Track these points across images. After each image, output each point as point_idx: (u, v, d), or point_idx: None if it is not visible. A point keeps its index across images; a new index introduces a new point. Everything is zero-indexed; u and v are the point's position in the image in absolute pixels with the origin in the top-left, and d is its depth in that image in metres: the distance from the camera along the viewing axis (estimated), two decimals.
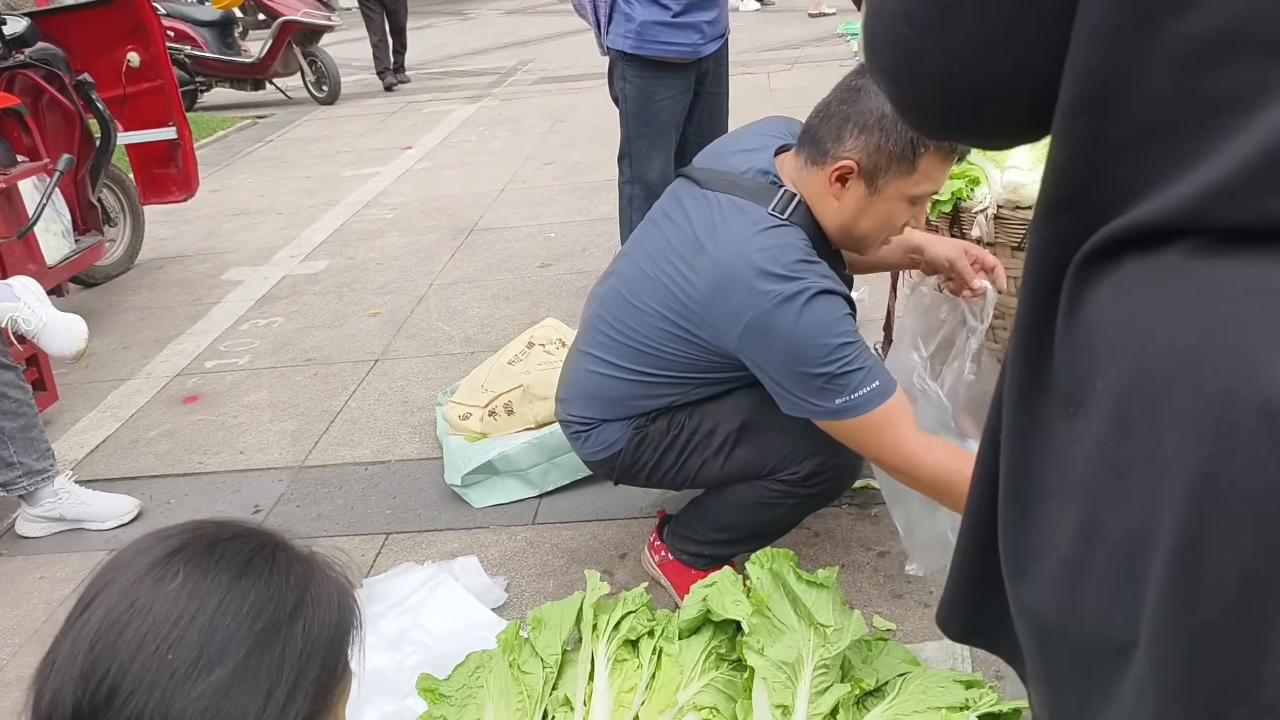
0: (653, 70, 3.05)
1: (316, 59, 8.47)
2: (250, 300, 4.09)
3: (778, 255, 1.65)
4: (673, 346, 1.80)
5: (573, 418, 1.98)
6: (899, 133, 1.62)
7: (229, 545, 0.80)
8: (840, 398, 1.63)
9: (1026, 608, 0.72)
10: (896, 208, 1.71)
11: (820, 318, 1.63)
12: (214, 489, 2.72)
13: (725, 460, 1.88)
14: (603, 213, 4.73)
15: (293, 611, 0.78)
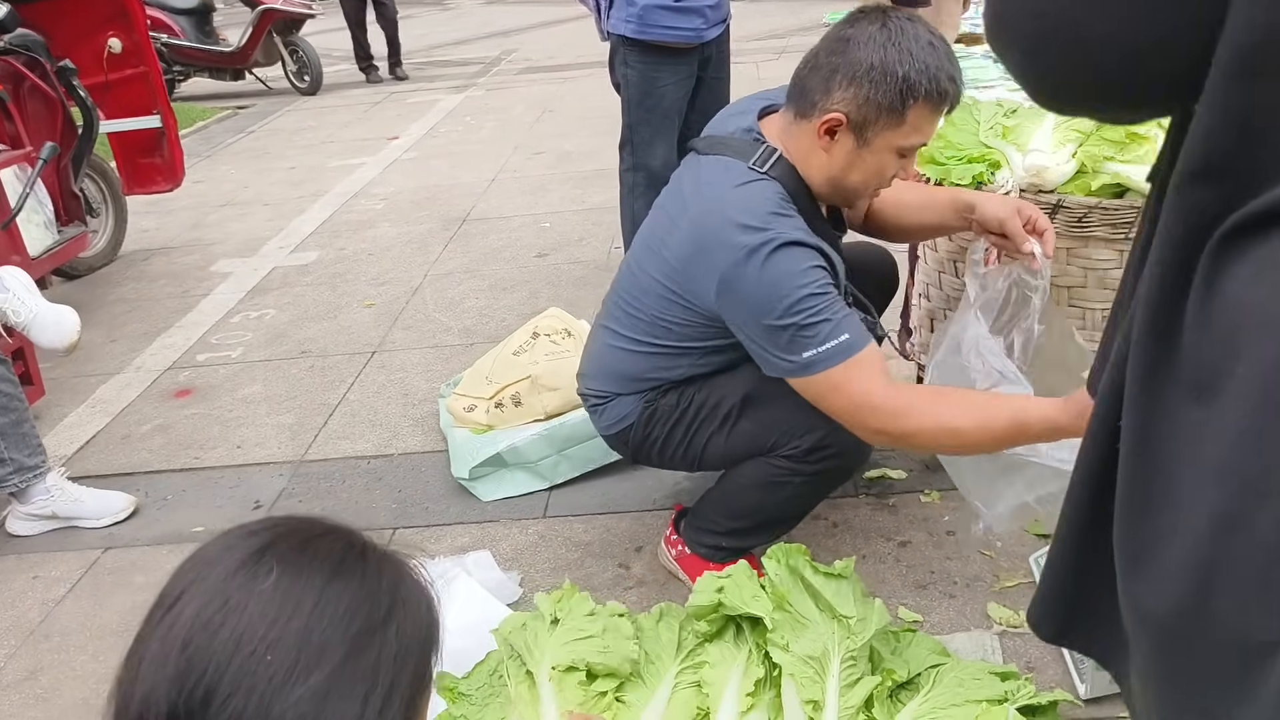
0: (656, 56, 3.00)
1: (298, 48, 8.35)
2: (240, 292, 4.01)
3: (749, 208, 1.65)
4: (672, 314, 1.81)
5: (590, 391, 1.99)
6: (888, 84, 1.59)
7: (319, 543, 0.78)
8: (808, 351, 1.60)
9: (1143, 605, 0.68)
10: (886, 160, 1.68)
11: (786, 268, 1.61)
12: (212, 484, 2.65)
13: (730, 434, 1.86)
14: (597, 202, 4.68)
15: (386, 614, 0.75)
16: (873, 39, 1.61)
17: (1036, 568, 1.95)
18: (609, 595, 2.04)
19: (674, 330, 1.83)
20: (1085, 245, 1.97)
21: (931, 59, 1.60)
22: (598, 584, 2.10)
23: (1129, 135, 1.93)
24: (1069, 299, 2.06)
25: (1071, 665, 1.74)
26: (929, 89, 1.60)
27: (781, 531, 2.03)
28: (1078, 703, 1.67)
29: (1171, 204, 0.63)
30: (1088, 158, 1.96)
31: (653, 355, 1.87)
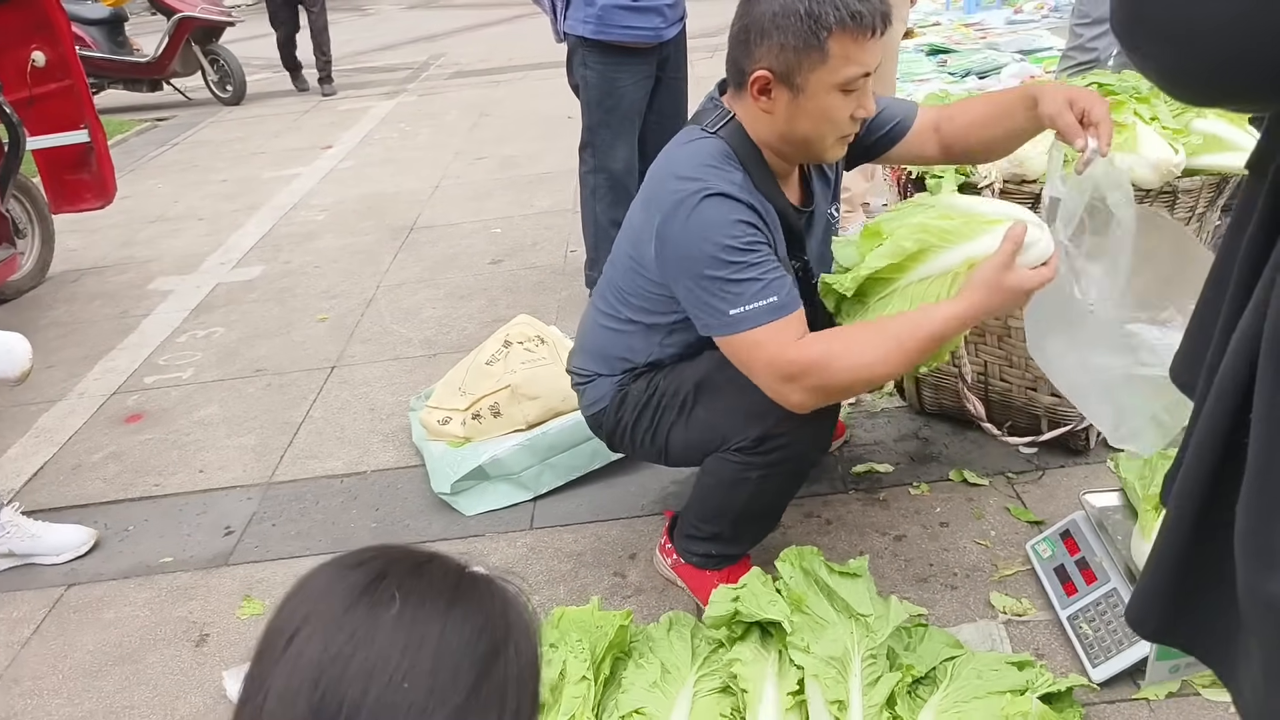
0: (615, 56, 2.96)
1: (218, 57, 8.10)
2: (184, 310, 3.87)
3: (686, 160, 1.68)
4: (634, 286, 1.83)
5: (576, 369, 2.00)
6: (795, 24, 1.55)
7: (430, 569, 0.76)
8: (734, 308, 1.60)
9: (1278, 600, 0.66)
10: (829, 101, 1.62)
11: (711, 217, 1.61)
12: (176, 511, 2.54)
13: (688, 423, 1.84)
14: (545, 206, 4.63)
15: (504, 637, 0.74)
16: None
17: (1034, 555, 1.97)
18: (608, 605, 2.00)
19: (637, 304, 1.84)
20: None
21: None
22: (594, 593, 2.05)
23: None
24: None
25: (1080, 650, 1.76)
26: (839, 15, 1.55)
27: (762, 531, 2.01)
28: (1093, 686, 1.69)
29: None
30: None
31: (625, 333, 1.89)
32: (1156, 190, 1.92)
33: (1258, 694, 0.73)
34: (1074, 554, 1.87)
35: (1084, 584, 1.83)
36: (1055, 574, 1.89)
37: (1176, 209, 1.96)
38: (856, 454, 2.42)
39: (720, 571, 1.99)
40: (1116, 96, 1.99)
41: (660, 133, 3.22)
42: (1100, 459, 2.29)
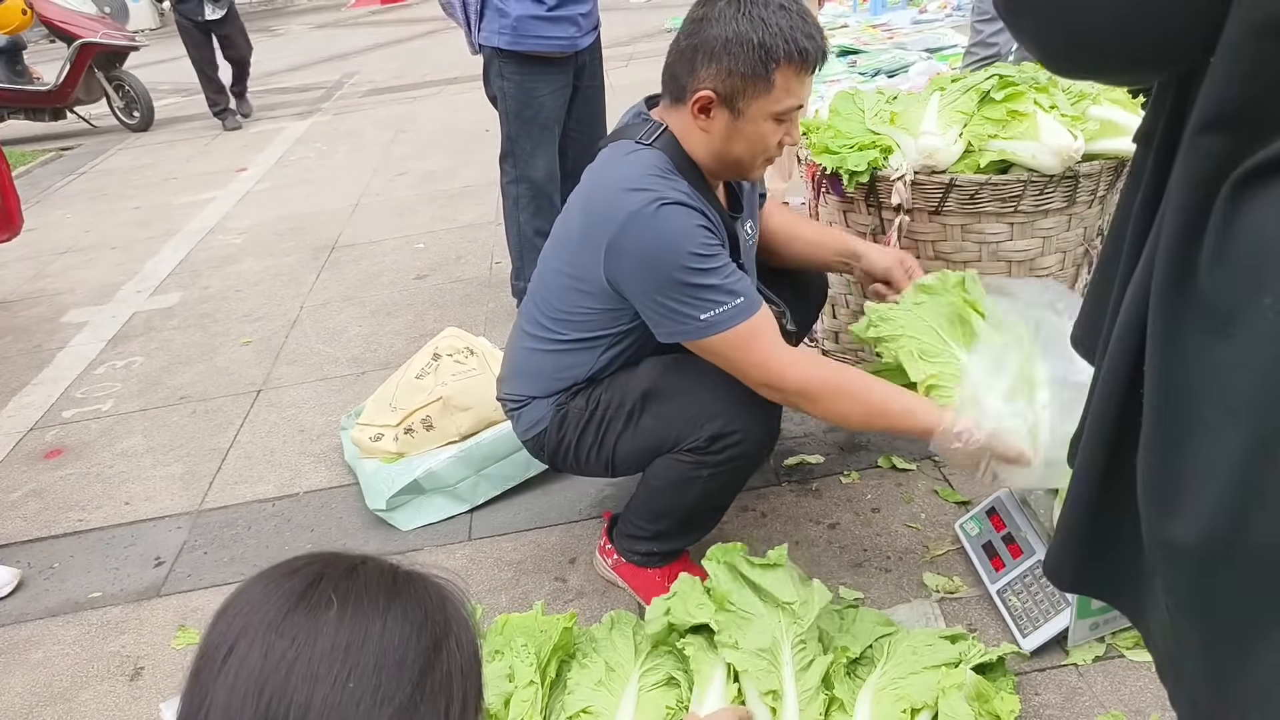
0: (531, 66, 2.97)
1: (123, 83, 7.90)
2: (100, 341, 3.77)
3: (633, 173, 1.68)
4: (571, 303, 1.82)
5: (507, 396, 1.99)
6: (747, 53, 1.61)
7: (365, 569, 0.77)
8: (707, 311, 1.63)
9: (1176, 541, 0.71)
10: (764, 128, 1.69)
11: (670, 226, 1.63)
12: (104, 546, 2.48)
13: (635, 432, 1.85)
14: (468, 219, 4.62)
15: (445, 629, 0.75)
16: (723, 14, 1.63)
17: (963, 534, 2.02)
18: (551, 610, 2.00)
19: (575, 321, 1.83)
20: (978, 220, 2.07)
21: (785, 21, 1.62)
22: (535, 600, 2.05)
23: (1010, 113, 2.03)
24: None
25: (1010, 621, 1.82)
26: (787, 50, 1.61)
27: (708, 526, 2.04)
28: (1024, 655, 1.75)
29: (1187, 150, 0.66)
30: (973, 137, 2.05)
31: (560, 353, 1.88)
32: (1059, 175, 2.00)
33: (1166, 636, 0.77)
34: (1000, 530, 1.93)
35: (1011, 558, 1.89)
36: (983, 550, 1.95)
37: (1079, 192, 2.05)
38: (787, 447, 2.46)
39: (661, 569, 2.01)
40: (1016, 87, 2.07)
41: (580, 141, 3.24)
42: None
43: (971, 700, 1.53)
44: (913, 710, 1.55)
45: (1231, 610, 0.68)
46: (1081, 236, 2.15)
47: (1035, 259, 2.11)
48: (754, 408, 1.77)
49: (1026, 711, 1.64)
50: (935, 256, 2.16)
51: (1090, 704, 1.65)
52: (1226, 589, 0.68)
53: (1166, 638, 0.77)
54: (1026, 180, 2.00)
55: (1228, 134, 0.63)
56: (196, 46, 7.26)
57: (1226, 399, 0.65)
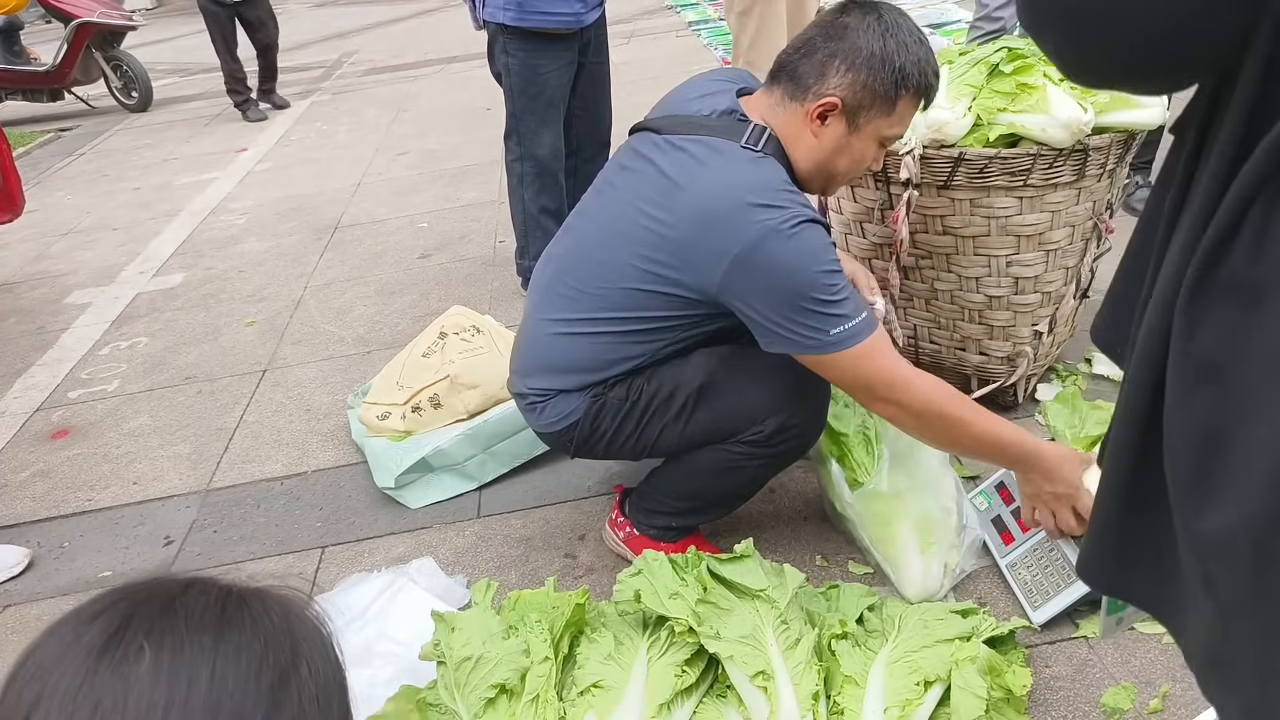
0: (536, 42, 2.95)
1: (121, 63, 7.85)
2: (104, 322, 3.76)
3: (760, 186, 1.62)
4: (644, 295, 1.73)
5: (531, 390, 1.90)
6: (886, 72, 1.64)
7: (186, 600, 0.64)
8: (836, 327, 1.61)
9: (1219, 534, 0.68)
10: (869, 147, 1.73)
11: (811, 244, 1.60)
12: (112, 525, 2.48)
13: (686, 424, 1.83)
14: (471, 198, 4.61)
15: (292, 657, 0.64)
16: (871, 28, 1.65)
17: (973, 509, 2.02)
18: (561, 587, 2.01)
19: (638, 313, 1.76)
20: (987, 195, 2.06)
21: (923, 53, 1.67)
22: (546, 576, 2.06)
23: (1019, 86, 2.02)
24: (974, 248, 2.15)
25: (1020, 595, 1.82)
26: (919, 81, 1.67)
27: (736, 507, 2.05)
28: (1034, 628, 1.75)
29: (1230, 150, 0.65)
30: (983, 110, 2.04)
31: (606, 339, 1.79)
32: (1068, 149, 1.99)
33: (1212, 638, 0.74)
34: (1009, 504, 1.93)
35: (1020, 532, 1.90)
36: (993, 525, 1.95)
37: (1088, 166, 2.04)
38: None
39: (674, 544, 2.01)
40: (1025, 60, 2.06)
41: (585, 118, 3.23)
42: (1029, 412, 2.37)
43: (984, 673, 1.54)
44: (925, 683, 1.55)
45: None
46: (1090, 210, 2.14)
47: (1044, 233, 2.10)
48: (811, 399, 1.81)
49: (1037, 684, 1.65)
50: (944, 231, 2.15)
51: (1101, 676, 1.66)
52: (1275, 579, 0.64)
53: (1213, 640, 0.74)
54: (1036, 154, 1.99)
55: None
56: (220, 32, 6.70)
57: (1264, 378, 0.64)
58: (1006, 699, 1.55)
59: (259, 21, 6.80)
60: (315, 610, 0.69)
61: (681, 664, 1.61)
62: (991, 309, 2.22)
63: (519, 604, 1.79)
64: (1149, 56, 0.66)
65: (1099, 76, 0.73)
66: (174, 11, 14.85)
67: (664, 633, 1.66)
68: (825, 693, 1.58)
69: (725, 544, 2.02)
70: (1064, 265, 2.18)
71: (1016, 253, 2.13)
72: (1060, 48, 0.71)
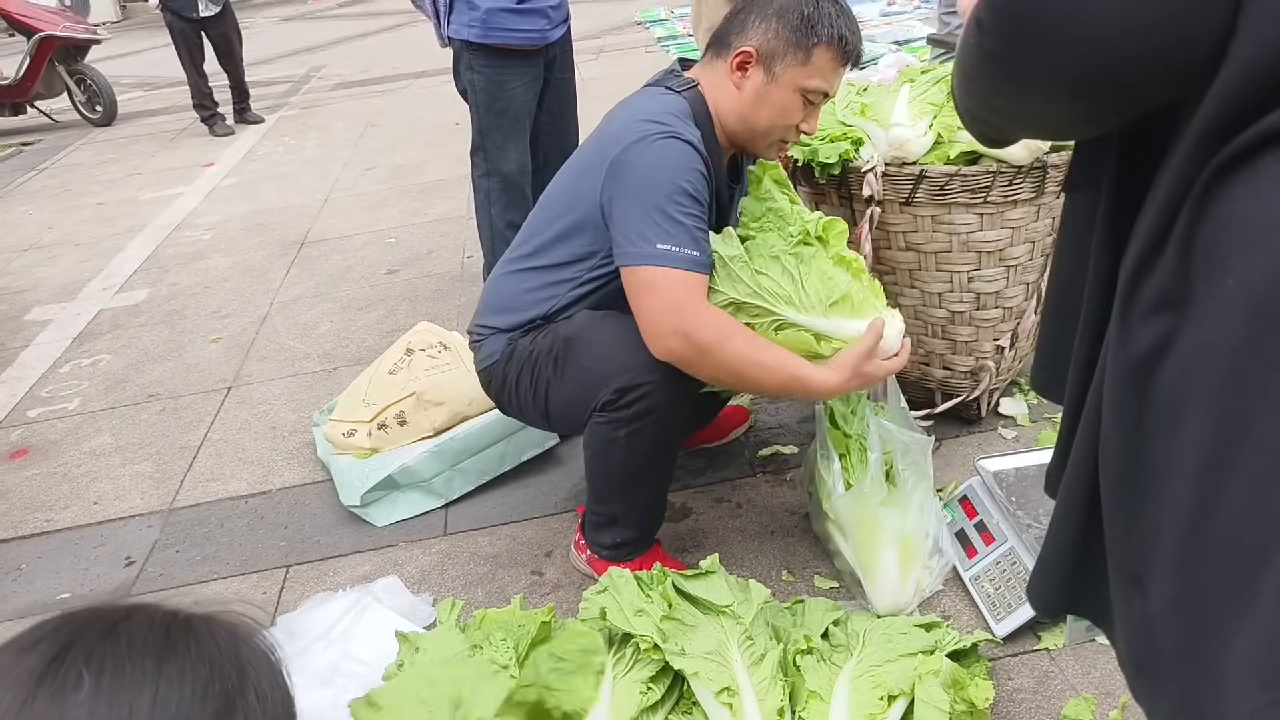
0: (501, 59, 2.96)
1: (85, 77, 7.78)
2: (65, 340, 3.72)
3: (653, 110, 1.78)
4: (562, 219, 1.88)
5: (475, 327, 2.03)
6: (794, 19, 1.76)
7: (129, 625, 0.62)
8: (663, 243, 1.68)
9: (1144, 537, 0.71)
10: (792, 100, 1.80)
11: (672, 156, 1.71)
12: (72, 546, 2.45)
13: (563, 381, 1.86)
14: (439, 213, 4.60)
15: (239, 682, 0.62)
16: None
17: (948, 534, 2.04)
18: (528, 605, 2.00)
19: (555, 249, 1.88)
20: (949, 211, 2.08)
21: (833, 10, 1.78)
22: (512, 594, 2.05)
23: None
24: (937, 264, 2.17)
25: (983, 608, 1.84)
26: (830, 32, 1.76)
27: (652, 508, 2.01)
28: (997, 640, 1.77)
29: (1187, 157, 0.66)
30: (943, 128, 2.07)
31: (527, 272, 1.92)
32: (1027, 166, 2.02)
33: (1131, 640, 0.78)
34: (972, 517, 1.95)
35: (983, 545, 1.92)
36: (956, 538, 1.97)
37: (1047, 183, 2.07)
38: (761, 438, 2.47)
39: (631, 562, 2.01)
40: None
41: (551, 134, 3.23)
42: (992, 426, 2.40)
43: (947, 687, 1.55)
44: (889, 697, 1.56)
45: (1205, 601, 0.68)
46: (1050, 226, 2.17)
47: (1005, 249, 2.13)
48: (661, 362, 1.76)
49: (1000, 696, 1.66)
50: (906, 247, 2.18)
51: (1062, 687, 1.67)
52: (1205, 580, 0.67)
53: (1143, 642, 0.76)
54: (996, 171, 2.02)
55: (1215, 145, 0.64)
56: (187, 47, 6.60)
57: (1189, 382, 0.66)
58: (969, 712, 1.56)
59: (225, 40, 6.71)
60: (265, 636, 0.68)
61: (647, 681, 1.60)
62: (954, 324, 2.25)
63: (485, 622, 1.78)
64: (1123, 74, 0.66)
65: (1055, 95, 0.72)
66: (138, 25, 14.74)
67: (629, 650, 1.66)
68: (790, 708, 1.59)
69: (690, 560, 2.02)
70: (1025, 280, 2.21)
71: (978, 268, 2.15)
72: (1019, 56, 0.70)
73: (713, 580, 1.72)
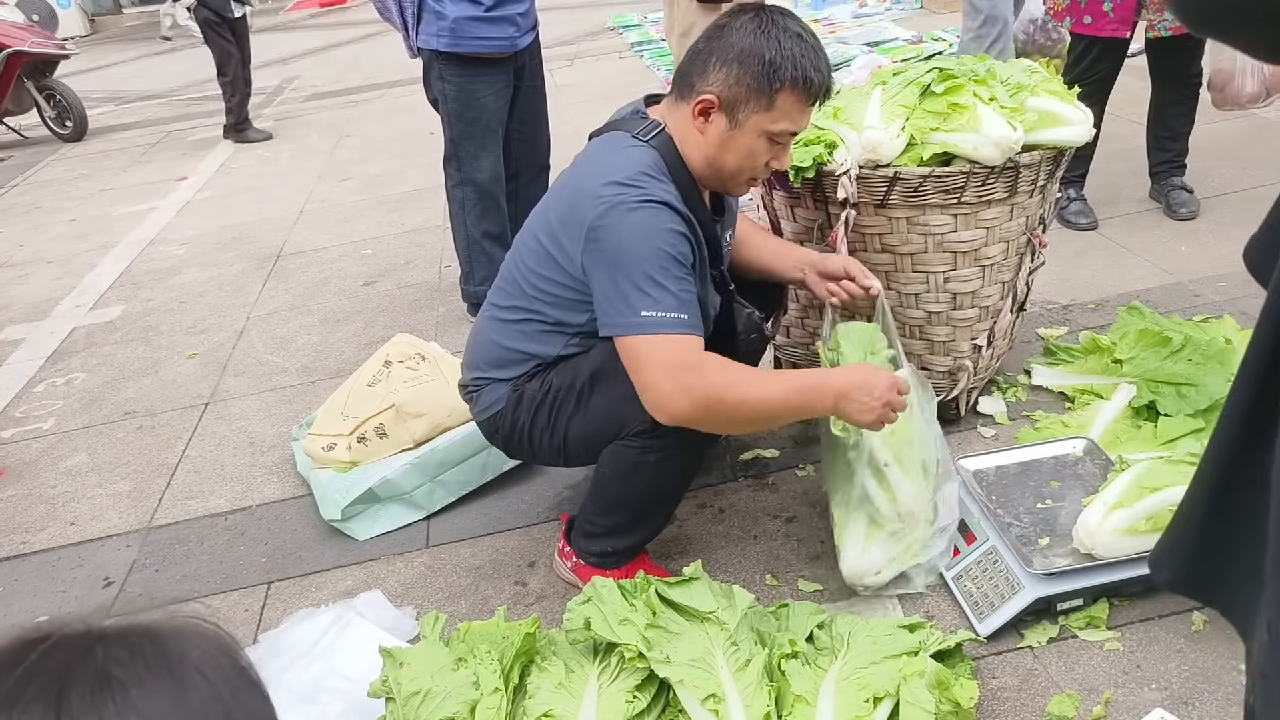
0: (471, 68, 2.95)
1: (54, 92, 7.70)
2: (39, 358, 3.68)
3: (623, 167, 1.72)
4: (546, 277, 1.82)
5: (469, 380, 1.99)
6: (756, 67, 1.68)
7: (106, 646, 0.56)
8: (648, 310, 1.63)
9: None
10: (757, 144, 1.75)
11: (649, 222, 1.66)
12: (48, 568, 2.42)
13: (586, 414, 1.85)
14: (415, 224, 4.58)
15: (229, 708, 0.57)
16: (745, 27, 1.71)
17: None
18: (512, 616, 1.99)
19: (544, 297, 1.83)
20: (923, 213, 2.09)
21: (798, 49, 1.69)
22: (496, 605, 2.05)
23: (950, 106, 2.06)
24: (913, 265, 2.18)
25: (966, 607, 1.85)
26: (794, 76, 1.68)
27: (661, 522, 2.03)
28: (980, 639, 1.77)
29: None
30: (916, 130, 2.08)
31: (521, 323, 1.89)
32: (1000, 166, 2.03)
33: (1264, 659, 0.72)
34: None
35: (965, 545, 1.92)
36: None
37: (1020, 183, 2.08)
38: (743, 442, 2.47)
39: (619, 570, 2.01)
40: (956, 80, 2.10)
41: (523, 141, 3.23)
42: (971, 425, 2.41)
43: (932, 688, 1.55)
44: (875, 699, 1.56)
45: None
46: (1024, 226, 2.18)
47: (980, 249, 2.14)
48: None
49: (984, 695, 1.66)
50: (882, 249, 2.18)
51: (1046, 685, 1.68)
52: None
53: (1264, 661, 0.72)
54: (969, 172, 2.03)
55: None
56: (222, 46, 6.51)
57: None
58: (955, 712, 1.56)
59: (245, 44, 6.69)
60: (243, 654, 0.63)
61: (632, 690, 1.60)
62: (931, 324, 2.25)
63: (469, 635, 1.77)
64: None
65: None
66: (107, 39, 14.61)
67: (614, 659, 1.65)
68: (776, 712, 1.59)
69: (674, 566, 2.02)
70: (1000, 280, 2.22)
71: (953, 269, 2.16)
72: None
73: (696, 587, 1.72)
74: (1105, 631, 1.76)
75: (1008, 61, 2.28)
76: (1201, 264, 3.03)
